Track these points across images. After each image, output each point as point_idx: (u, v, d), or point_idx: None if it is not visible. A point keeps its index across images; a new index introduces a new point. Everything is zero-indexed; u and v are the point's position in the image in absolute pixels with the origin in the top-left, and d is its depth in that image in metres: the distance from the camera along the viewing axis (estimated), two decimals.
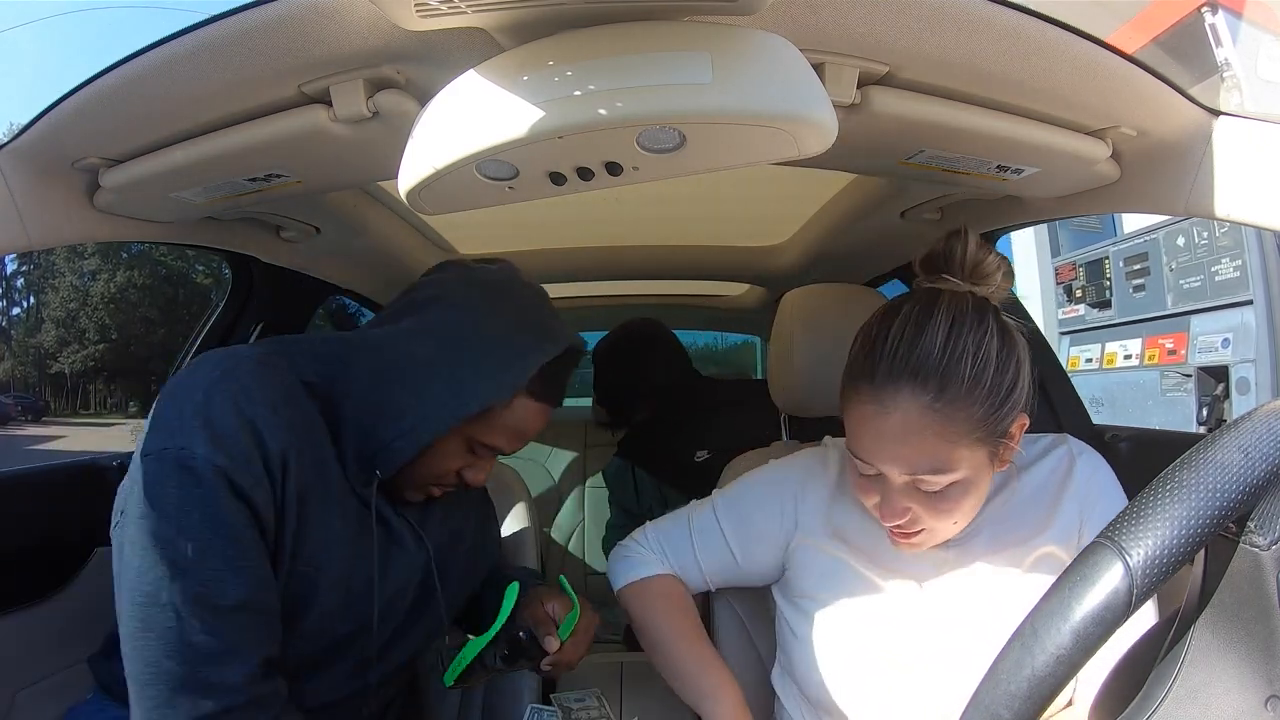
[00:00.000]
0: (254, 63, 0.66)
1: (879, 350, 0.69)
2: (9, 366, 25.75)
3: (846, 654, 0.79)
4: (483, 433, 0.75)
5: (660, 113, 0.54)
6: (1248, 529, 0.38)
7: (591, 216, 1.63)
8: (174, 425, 0.64)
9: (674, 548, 0.91)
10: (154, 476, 0.63)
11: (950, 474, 0.68)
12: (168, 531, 0.62)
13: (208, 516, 0.63)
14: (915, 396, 0.66)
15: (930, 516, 0.71)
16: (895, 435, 0.67)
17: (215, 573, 0.63)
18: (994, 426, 0.68)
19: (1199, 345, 3.56)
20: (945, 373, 0.66)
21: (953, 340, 0.67)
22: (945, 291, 0.71)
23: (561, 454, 2.59)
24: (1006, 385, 0.68)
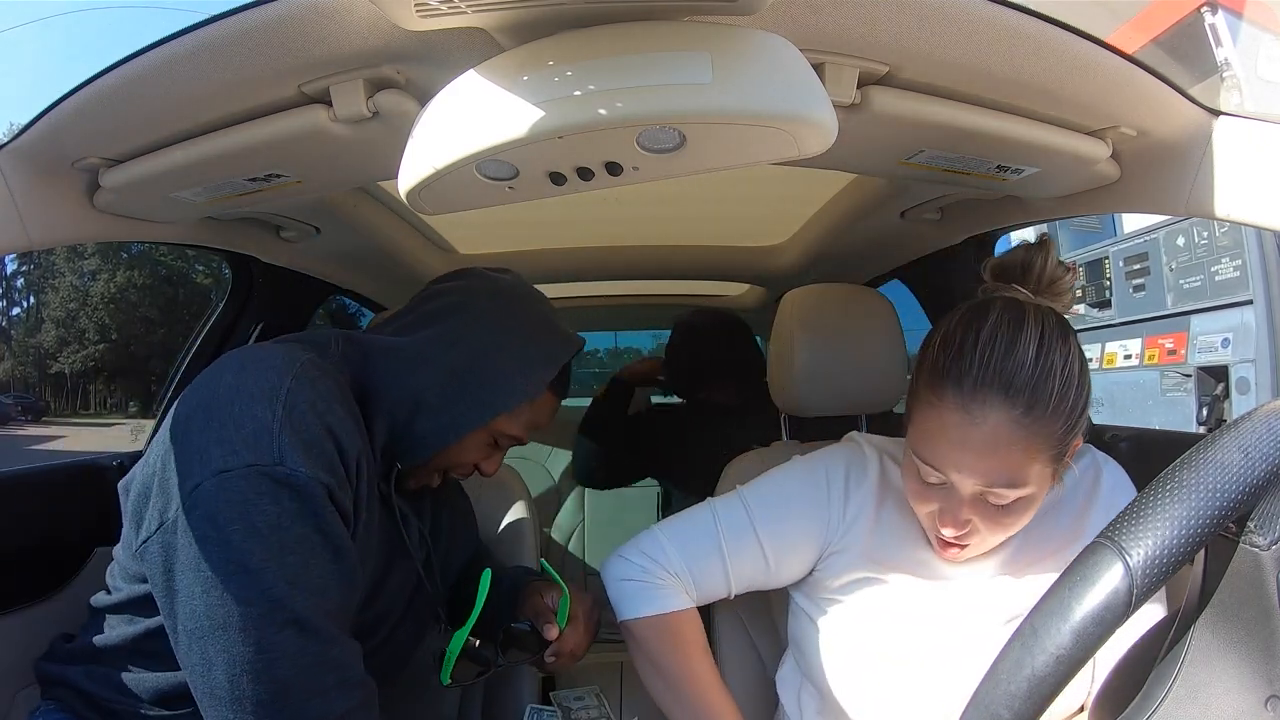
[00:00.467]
0: (254, 63, 0.65)
1: (970, 357, 0.67)
2: (9, 366, 25.75)
3: (871, 654, 0.78)
4: (508, 426, 0.80)
5: (660, 113, 0.54)
6: (1248, 529, 0.38)
7: (592, 216, 1.63)
8: (255, 439, 0.61)
9: (698, 555, 0.83)
10: (242, 494, 0.60)
11: (1022, 489, 0.67)
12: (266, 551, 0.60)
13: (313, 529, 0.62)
14: (1006, 410, 0.65)
15: (989, 529, 0.70)
16: (980, 448, 0.66)
17: (319, 581, 0.62)
18: (1066, 444, 0.68)
19: (1199, 345, 3.56)
20: (1035, 388, 0.65)
21: (1043, 355, 0.66)
22: (1029, 304, 0.70)
23: (561, 454, 2.59)
24: (1083, 404, 0.68)
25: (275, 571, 0.60)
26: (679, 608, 0.82)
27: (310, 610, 0.61)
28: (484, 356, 0.77)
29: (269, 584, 0.59)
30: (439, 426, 0.75)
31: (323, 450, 0.63)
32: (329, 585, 0.62)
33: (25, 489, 1.07)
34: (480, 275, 0.85)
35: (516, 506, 1.16)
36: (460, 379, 0.76)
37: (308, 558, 0.61)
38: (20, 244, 0.81)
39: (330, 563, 0.63)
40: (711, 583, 0.83)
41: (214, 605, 0.59)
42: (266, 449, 0.61)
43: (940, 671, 0.76)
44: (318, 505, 0.62)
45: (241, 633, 0.59)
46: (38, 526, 1.05)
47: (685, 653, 0.81)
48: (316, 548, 0.62)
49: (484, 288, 0.83)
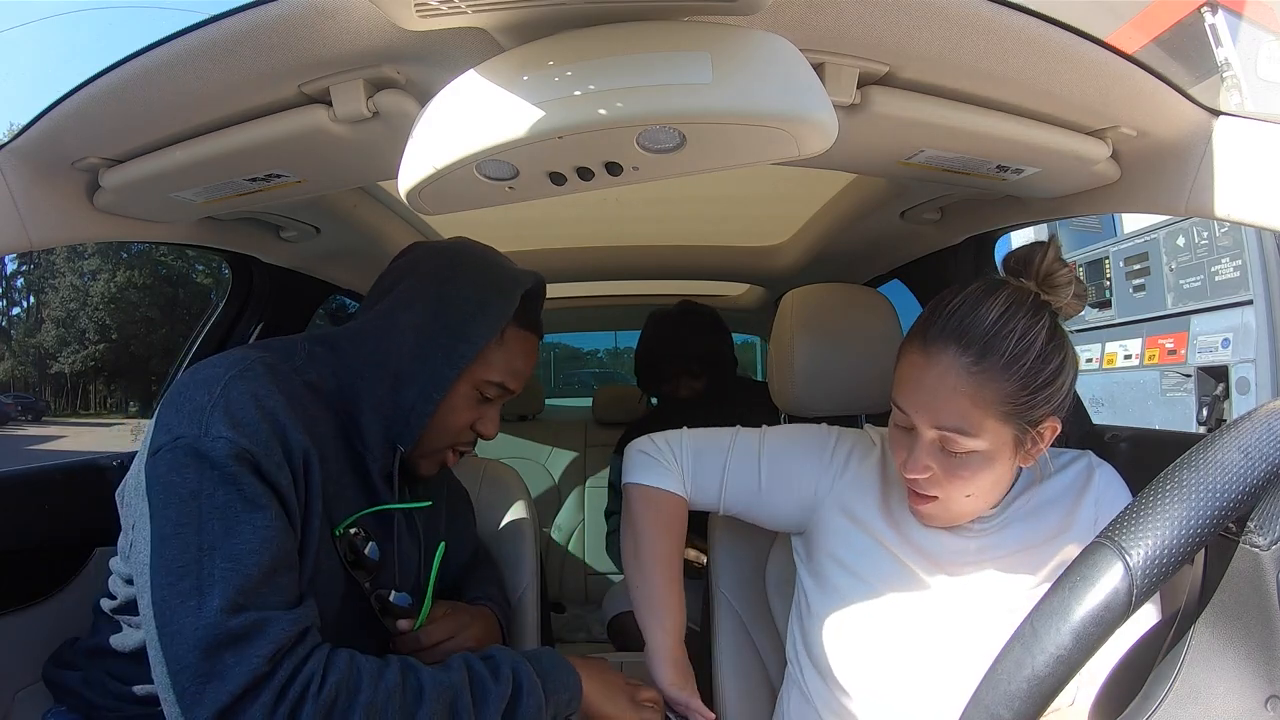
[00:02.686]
0: (254, 63, 0.66)
1: (937, 313, 0.76)
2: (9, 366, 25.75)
3: (861, 627, 0.82)
4: (486, 373, 0.81)
5: (660, 113, 0.54)
6: (1248, 529, 0.38)
7: (592, 216, 1.63)
8: (188, 416, 0.64)
9: (705, 460, 0.93)
10: (167, 466, 0.63)
11: (973, 439, 0.73)
12: (191, 517, 0.61)
13: (233, 494, 0.62)
14: (957, 356, 0.72)
15: (947, 481, 0.76)
16: (931, 386, 0.74)
17: (250, 550, 0.61)
18: (1024, 409, 0.72)
19: (1199, 345, 3.56)
20: (989, 342, 0.72)
21: (1004, 318, 0.72)
22: (1008, 283, 0.76)
23: (561, 454, 2.59)
24: (1045, 375, 0.72)
25: (190, 539, 0.60)
26: (670, 489, 0.91)
27: (222, 576, 0.60)
28: (439, 307, 0.78)
29: (178, 552, 0.60)
30: (421, 390, 0.77)
31: (254, 427, 0.65)
32: (252, 551, 0.61)
33: (25, 489, 1.07)
34: (422, 244, 0.87)
35: (516, 506, 1.16)
36: (424, 335, 0.77)
37: (230, 524, 0.61)
38: (20, 244, 0.81)
39: (255, 529, 0.62)
40: (707, 486, 0.92)
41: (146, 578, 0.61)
42: (195, 423, 0.64)
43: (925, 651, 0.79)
44: (238, 472, 0.63)
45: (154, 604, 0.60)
46: (38, 526, 1.05)
47: (660, 528, 0.91)
48: (239, 514, 0.62)
49: (426, 251, 0.85)
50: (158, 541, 0.61)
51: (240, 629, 0.58)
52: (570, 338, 6.02)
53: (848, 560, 0.85)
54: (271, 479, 0.65)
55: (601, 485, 2.43)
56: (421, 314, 0.78)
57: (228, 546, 0.61)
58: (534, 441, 2.61)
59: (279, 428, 0.66)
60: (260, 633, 0.59)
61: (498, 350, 0.81)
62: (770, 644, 0.99)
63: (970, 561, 0.81)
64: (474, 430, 0.84)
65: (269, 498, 0.64)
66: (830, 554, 0.87)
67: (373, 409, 0.77)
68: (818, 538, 0.89)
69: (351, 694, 0.61)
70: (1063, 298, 0.75)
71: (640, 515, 0.92)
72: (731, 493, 0.92)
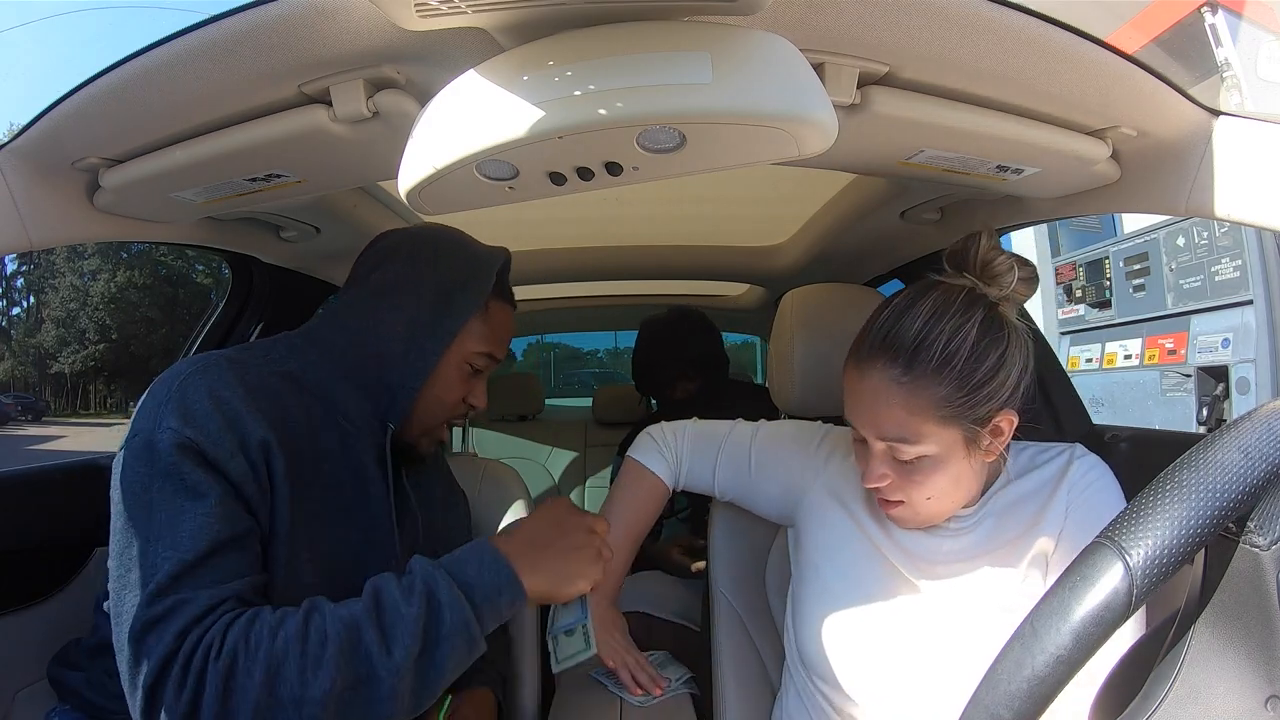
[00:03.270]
0: (254, 63, 0.66)
1: (867, 327, 0.78)
2: (9, 366, 25.75)
3: (844, 620, 0.82)
4: (475, 345, 0.84)
5: (660, 113, 0.54)
6: (1248, 529, 0.38)
7: (592, 216, 1.63)
8: (147, 413, 0.68)
9: (701, 446, 1.00)
10: (125, 462, 0.66)
11: (917, 445, 0.74)
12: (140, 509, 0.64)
13: (177, 484, 0.64)
14: (886, 368, 0.74)
15: (905, 486, 0.77)
16: (867, 401, 0.76)
17: (189, 536, 0.62)
18: (965, 410, 0.73)
19: (1199, 345, 3.56)
20: (916, 349, 0.73)
21: (930, 324, 0.73)
22: (942, 283, 0.76)
23: (561, 454, 2.60)
24: (983, 373, 0.73)
25: (140, 530, 0.63)
26: (656, 472, 1.00)
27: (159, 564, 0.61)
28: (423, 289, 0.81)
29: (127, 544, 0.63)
30: (408, 367, 0.79)
31: (208, 419, 0.66)
32: (190, 537, 0.62)
33: (25, 489, 1.07)
34: (395, 231, 0.89)
35: (516, 506, 1.16)
36: (410, 317, 0.80)
37: (173, 514, 0.63)
38: (20, 244, 0.81)
39: (195, 516, 0.63)
40: (701, 470, 1.00)
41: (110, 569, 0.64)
42: (151, 418, 0.67)
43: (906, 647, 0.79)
44: (179, 461, 0.64)
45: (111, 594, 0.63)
46: (38, 526, 1.05)
47: (632, 497, 0.99)
48: (182, 503, 0.63)
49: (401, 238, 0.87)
50: (114, 534, 0.65)
51: (161, 613, 0.60)
52: (570, 338, 6.03)
53: (831, 552, 0.87)
54: (221, 467, 0.66)
55: (601, 485, 2.43)
56: (406, 297, 0.81)
57: (170, 535, 0.62)
58: (534, 441, 2.61)
59: (233, 418, 0.67)
60: (175, 614, 0.60)
61: (483, 324, 0.85)
62: (770, 644, 0.99)
63: (949, 558, 0.81)
64: (466, 403, 0.87)
65: (211, 485, 0.65)
66: (816, 546, 0.89)
67: (358, 390, 0.79)
68: (804, 529, 0.91)
69: (251, 650, 0.60)
70: (1005, 286, 0.75)
71: (622, 482, 1.01)
72: (723, 476, 0.98)
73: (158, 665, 0.59)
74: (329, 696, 0.59)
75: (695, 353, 1.78)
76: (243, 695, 0.58)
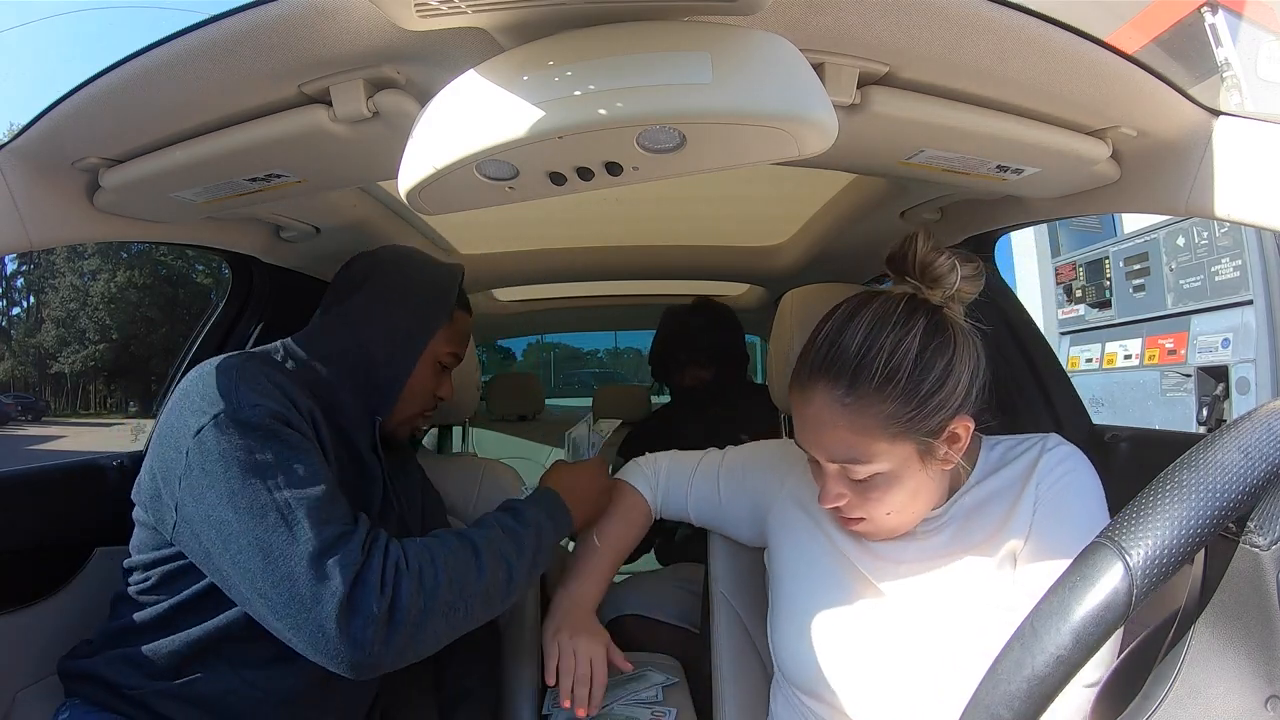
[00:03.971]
0: (254, 63, 0.66)
1: (809, 348, 0.76)
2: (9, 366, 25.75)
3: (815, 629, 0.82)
4: (443, 347, 1.01)
5: (660, 113, 0.54)
6: (1248, 529, 0.38)
7: (592, 216, 1.63)
8: (212, 400, 0.76)
9: (676, 474, 1.03)
10: (216, 439, 0.73)
11: (869, 465, 0.73)
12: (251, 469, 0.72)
13: (280, 445, 0.75)
14: (829, 390, 0.72)
15: (862, 504, 0.76)
16: (813, 425, 0.75)
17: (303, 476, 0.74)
18: (914, 424, 0.71)
19: (1199, 345, 3.56)
20: (857, 370, 0.71)
21: (869, 339, 0.71)
22: (881, 293, 0.75)
23: (561, 454, 2.59)
24: (929, 384, 0.70)
25: (259, 486, 0.72)
26: (639, 490, 1.03)
27: (294, 504, 0.72)
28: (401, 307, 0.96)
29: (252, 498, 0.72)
30: (394, 371, 0.93)
31: (273, 396, 0.77)
32: (310, 483, 0.74)
33: (25, 489, 1.07)
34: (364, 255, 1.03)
35: None
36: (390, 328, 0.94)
37: (285, 468, 0.74)
38: (20, 244, 0.81)
39: (306, 465, 0.75)
40: (676, 497, 1.02)
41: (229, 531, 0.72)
42: (229, 399, 0.76)
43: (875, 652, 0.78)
44: (276, 428, 0.75)
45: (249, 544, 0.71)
46: (38, 526, 1.05)
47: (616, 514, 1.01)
48: (290, 458, 0.74)
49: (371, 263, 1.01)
50: (229, 497, 0.72)
51: (331, 539, 0.71)
52: (570, 338, 6.02)
53: (800, 564, 0.87)
54: (299, 429, 0.78)
55: None
56: (386, 313, 0.95)
57: (291, 484, 0.73)
58: (534, 441, 2.61)
59: (289, 395, 0.79)
60: (346, 539, 0.72)
61: (449, 329, 1.01)
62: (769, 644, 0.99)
63: (918, 560, 0.80)
64: (436, 395, 1.02)
65: (306, 441, 0.78)
66: (785, 559, 0.89)
67: (352, 390, 0.91)
68: (774, 544, 0.92)
69: (432, 559, 0.76)
70: (948, 286, 0.73)
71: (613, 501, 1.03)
72: (695, 502, 1.01)
73: (352, 575, 0.70)
74: (486, 588, 0.79)
75: (709, 341, 1.80)
76: (432, 592, 0.74)
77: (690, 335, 1.82)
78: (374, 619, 0.70)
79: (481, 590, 0.78)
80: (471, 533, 0.83)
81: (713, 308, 1.88)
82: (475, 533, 0.83)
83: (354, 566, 0.71)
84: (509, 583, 0.82)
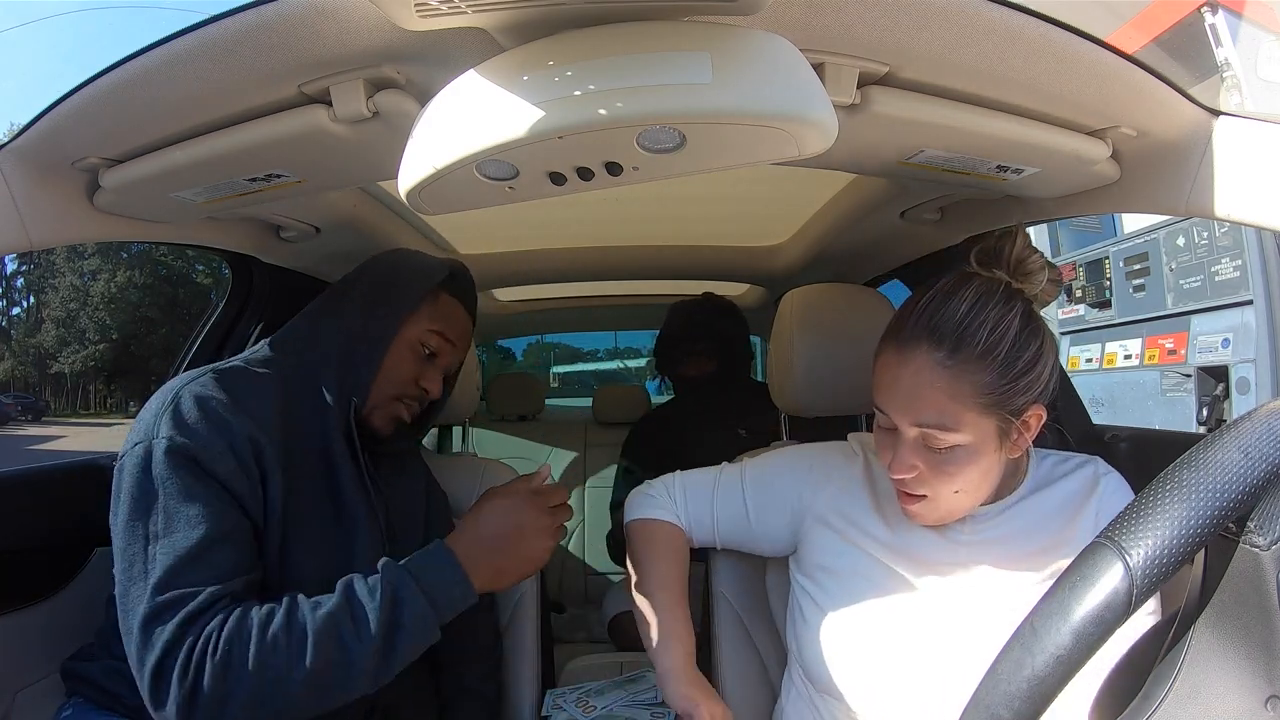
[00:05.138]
0: (254, 63, 0.66)
1: (909, 312, 0.76)
2: (9, 366, 25.75)
3: (851, 635, 0.81)
4: (423, 325, 0.94)
5: (660, 113, 0.54)
6: (1248, 529, 0.38)
7: (592, 216, 1.63)
8: (144, 425, 0.76)
9: (694, 497, 0.95)
10: (125, 469, 0.75)
11: (955, 433, 0.72)
12: (140, 512, 0.73)
13: (171, 489, 0.73)
14: (930, 352, 0.72)
15: (934, 478, 0.75)
16: (908, 386, 0.74)
17: (181, 532, 0.72)
18: (1004, 399, 0.72)
19: (1199, 345, 3.55)
20: (961, 335, 0.72)
21: (975, 310, 0.72)
22: (983, 275, 0.75)
23: (561, 454, 2.59)
24: (1023, 363, 0.72)
25: (140, 531, 0.72)
26: (665, 519, 0.94)
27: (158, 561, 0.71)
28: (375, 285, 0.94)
29: (129, 542, 0.72)
30: (368, 348, 0.89)
31: (195, 425, 0.75)
32: (185, 537, 0.72)
33: (25, 489, 1.07)
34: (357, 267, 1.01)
35: None
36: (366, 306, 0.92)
37: (169, 516, 0.72)
38: (20, 244, 0.81)
39: (188, 518, 0.72)
40: (701, 523, 0.94)
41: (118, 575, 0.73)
42: (148, 429, 0.76)
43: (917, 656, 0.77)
44: (175, 466, 0.73)
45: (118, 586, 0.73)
46: (38, 526, 1.05)
47: (657, 553, 0.91)
48: (175, 506, 0.73)
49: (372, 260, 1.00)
50: (118, 535, 0.74)
51: (164, 605, 0.70)
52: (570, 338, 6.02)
53: (838, 569, 0.84)
54: (210, 468, 0.75)
55: (601, 486, 2.43)
56: (362, 294, 0.93)
57: (167, 535, 0.72)
58: (534, 441, 2.61)
59: (221, 423, 0.77)
60: (177, 607, 0.70)
61: (431, 308, 0.95)
62: (770, 644, 0.99)
63: (964, 564, 0.80)
64: (419, 385, 0.95)
65: (204, 487, 0.74)
66: (820, 564, 0.86)
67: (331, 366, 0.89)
68: (808, 550, 0.89)
69: (244, 646, 0.70)
70: (1036, 284, 0.75)
71: (640, 547, 0.93)
72: (723, 523, 0.94)
73: (162, 652, 0.69)
74: (310, 676, 0.71)
75: (715, 331, 1.82)
76: (237, 680, 0.69)
77: (697, 325, 1.83)
78: (176, 698, 0.68)
79: (303, 678, 0.70)
80: (306, 612, 0.72)
81: (719, 301, 1.89)
82: (310, 612, 0.72)
83: (167, 641, 0.69)
84: (347, 667, 0.72)
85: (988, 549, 0.80)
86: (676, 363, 1.86)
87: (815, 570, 0.87)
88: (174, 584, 0.70)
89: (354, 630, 0.72)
